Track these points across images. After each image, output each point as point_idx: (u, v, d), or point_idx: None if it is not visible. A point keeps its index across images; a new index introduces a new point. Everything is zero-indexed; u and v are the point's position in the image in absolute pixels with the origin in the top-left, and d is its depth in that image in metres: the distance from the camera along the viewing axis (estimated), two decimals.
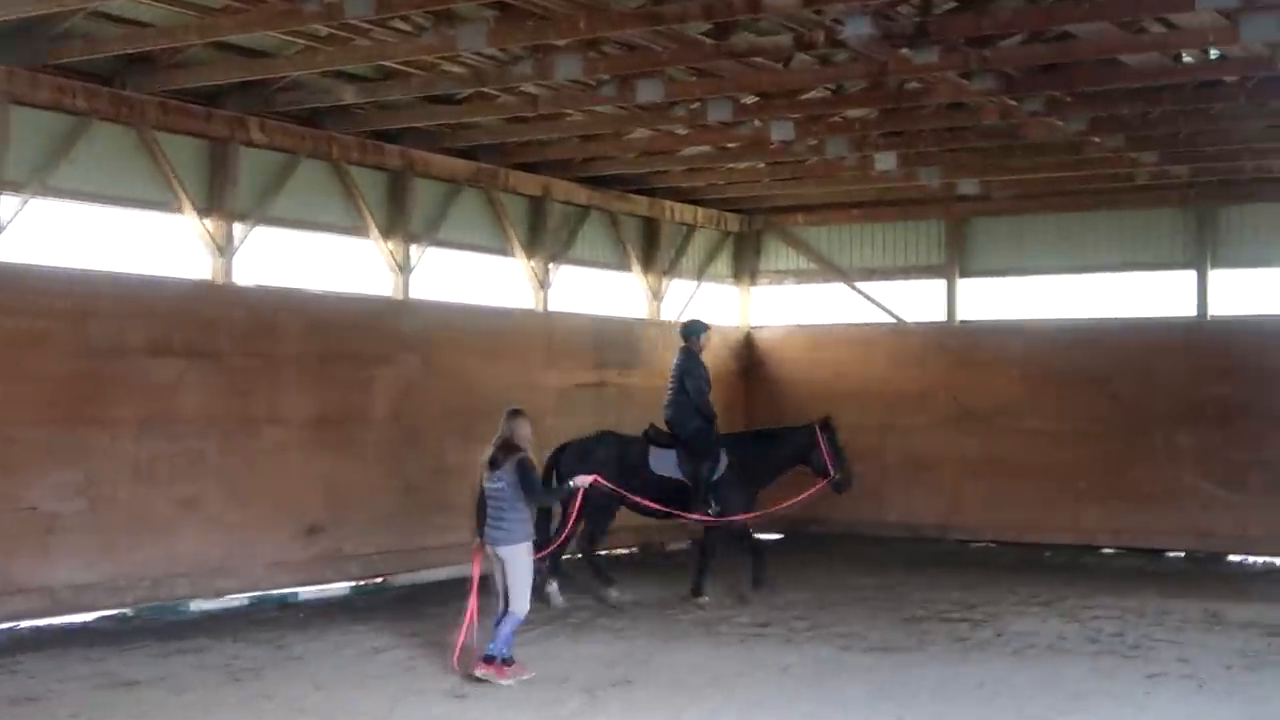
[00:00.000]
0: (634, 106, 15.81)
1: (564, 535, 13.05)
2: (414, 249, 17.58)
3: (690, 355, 15.84)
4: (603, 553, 16.52)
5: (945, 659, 12.35)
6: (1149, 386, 20.30)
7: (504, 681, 11.14)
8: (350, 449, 16.48)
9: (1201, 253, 20.38)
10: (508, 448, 11.57)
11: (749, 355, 23.27)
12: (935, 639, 13.30)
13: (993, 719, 10.21)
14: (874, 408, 21.98)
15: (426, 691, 11.01)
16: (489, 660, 11.25)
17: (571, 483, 11.82)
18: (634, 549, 20.26)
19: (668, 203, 21.49)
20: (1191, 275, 20.48)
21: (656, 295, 21.60)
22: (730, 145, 18.22)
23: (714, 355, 22.29)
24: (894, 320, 22.51)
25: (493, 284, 19.14)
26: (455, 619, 14.08)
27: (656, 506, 15.22)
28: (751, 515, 15.71)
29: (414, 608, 15.01)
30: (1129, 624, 14.07)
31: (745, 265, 23.59)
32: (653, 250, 21.62)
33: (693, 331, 16.04)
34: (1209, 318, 20.32)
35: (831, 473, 15.71)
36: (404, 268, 17.39)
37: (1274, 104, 15.65)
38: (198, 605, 14.77)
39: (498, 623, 11.34)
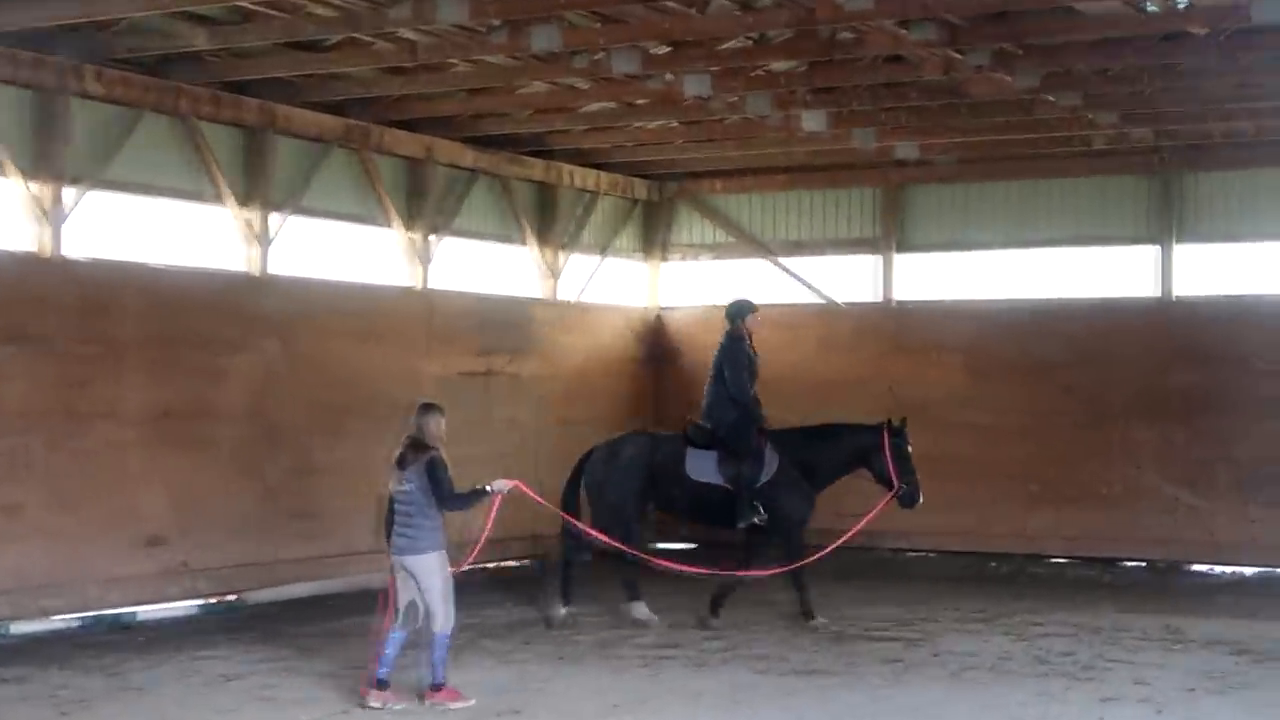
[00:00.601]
0: (528, 56, 15.79)
1: (477, 546, 12.78)
2: (274, 218, 17.43)
3: (733, 340, 15.77)
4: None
5: (875, 682, 12.46)
6: (1107, 376, 20.59)
7: (456, 705, 11.28)
8: (199, 448, 16.33)
9: (1166, 226, 20.69)
10: (417, 446, 11.58)
11: (658, 340, 23.33)
12: (864, 660, 13.42)
13: None
14: (800, 399, 21.96)
15: None
16: (436, 689, 11.40)
17: (489, 486, 11.74)
18: (527, 560, 20.24)
19: (566, 167, 21.48)
20: (1154, 251, 20.81)
21: (553, 272, 21.59)
22: (637, 102, 18.25)
23: (618, 339, 22.50)
24: (823, 300, 22.67)
25: (365, 258, 19.05)
26: (320, 642, 14.08)
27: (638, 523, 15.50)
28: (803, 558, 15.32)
29: (272, 629, 14.91)
30: (1081, 642, 14.27)
31: (655, 238, 23.64)
32: (549, 221, 21.61)
33: (736, 313, 15.95)
34: (1174, 299, 20.64)
35: (896, 483, 15.43)
36: (262, 239, 17.25)
37: (1247, 59, 15.91)
38: (19, 628, 14.55)
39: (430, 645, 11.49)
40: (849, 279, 22.67)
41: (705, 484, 15.37)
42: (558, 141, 20.46)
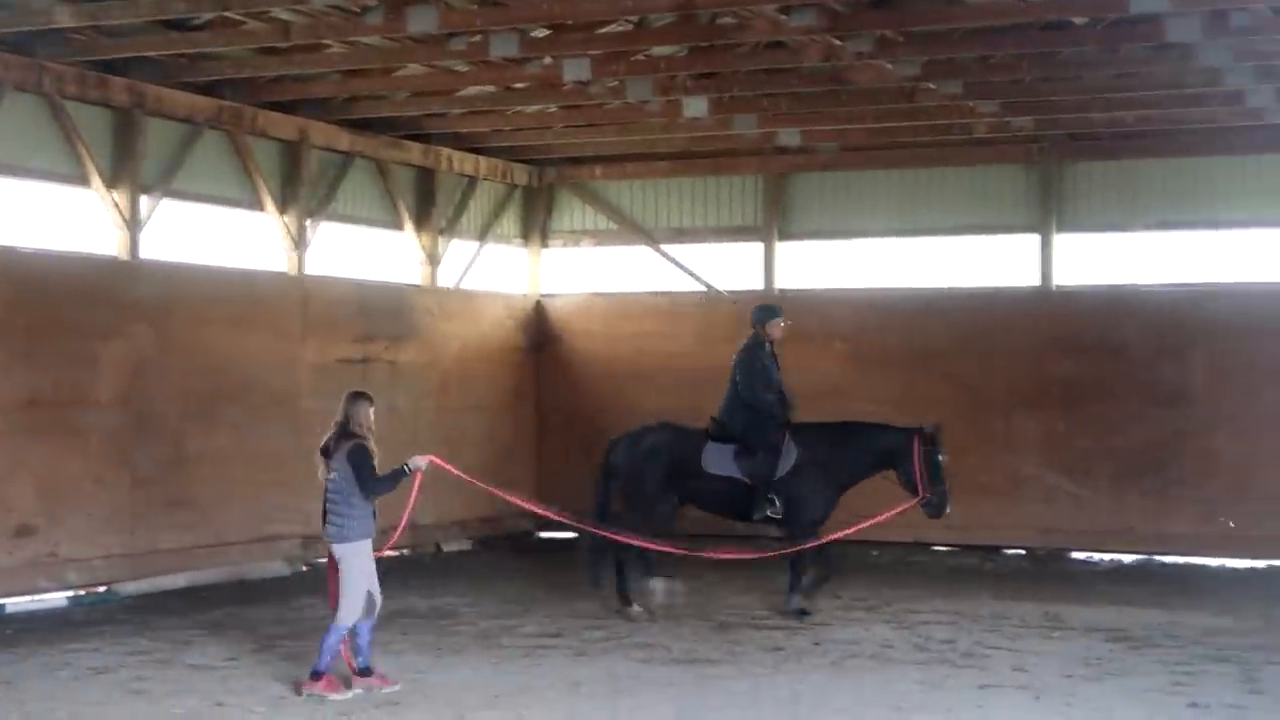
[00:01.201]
0: (405, 38, 15.73)
1: (400, 527, 12.56)
2: (145, 201, 17.21)
3: (750, 346, 15.73)
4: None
5: (756, 671, 12.56)
6: (988, 364, 20.87)
7: (335, 695, 11.29)
8: (69, 437, 16.11)
9: (1046, 215, 21.00)
10: (342, 434, 11.65)
11: (539, 327, 23.33)
12: (747, 649, 13.52)
13: None
14: (681, 388, 22.14)
15: (159, 719, 10.84)
16: (315, 676, 11.41)
17: (407, 465, 11.77)
18: (405, 550, 20.18)
19: (445, 151, 21.41)
20: (1035, 240, 21.09)
21: (432, 258, 21.51)
22: (517, 86, 18.23)
23: (498, 327, 22.47)
24: (705, 288, 22.77)
25: (240, 243, 18.86)
26: (193, 634, 13.95)
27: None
28: (817, 541, 15.31)
29: (144, 620, 14.75)
30: (962, 629, 14.48)
31: (535, 224, 23.63)
32: (428, 206, 21.51)
33: (758, 319, 15.90)
34: (1054, 288, 20.95)
35: (921, 491, 15.20)
36: (133, 223, 17.03)
37: (1127, 49, 16.18)
38: None
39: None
40: (731, 267, 22.78)
41: (722, 476, 15.38)
42: (436, 125, 20.38)
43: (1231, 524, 17.02)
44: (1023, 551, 20.62)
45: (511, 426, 22.50)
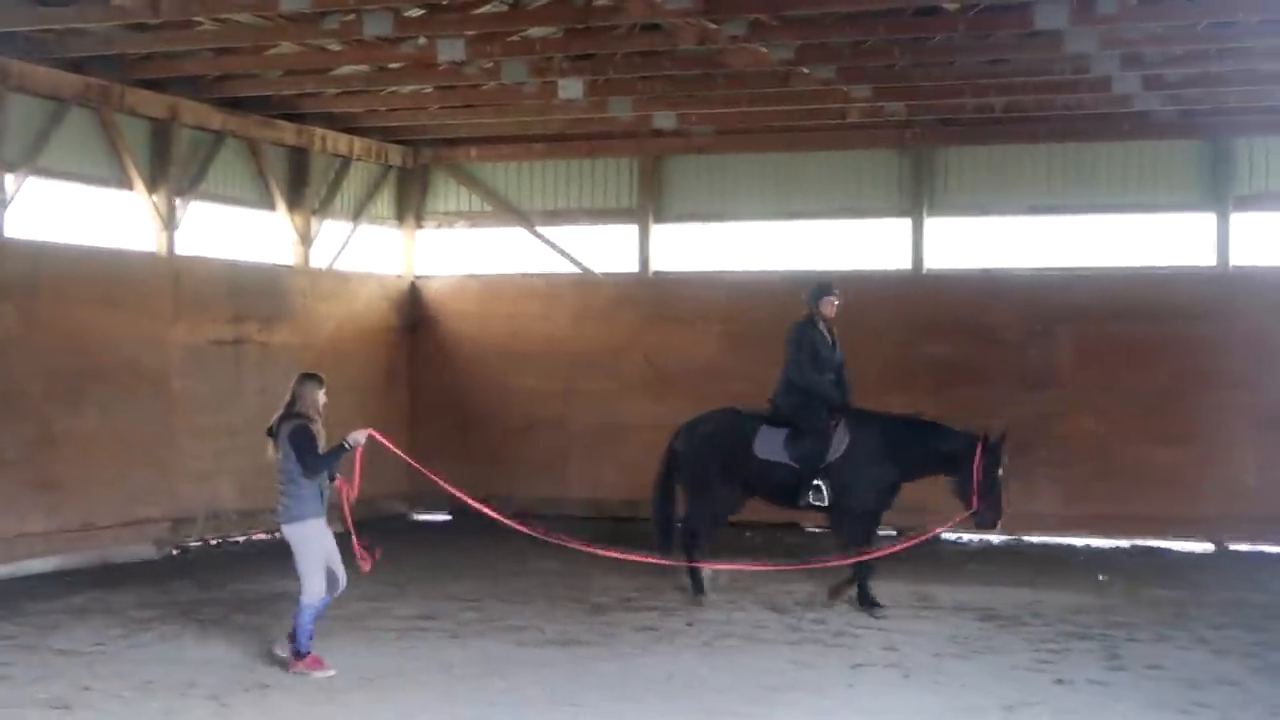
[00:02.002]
0: (277, 16, 15.53)
1: (349, 501, 12.29)
2: (9, 179, 16.88)
3: (801, 325, 15.33)
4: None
5: (629, 652, 12.61)
6: (860, 346, 20.79)
7: (320, 674, 11.45)
8: None
9: (918, 199, 21.21)
10: (287, 415, 11.69)
11: (414, 309, 23.20)
12: (620, 630, 13.57)
13: (678, 716, 10.46)
14: (556, 369, 22.25)
15: (23, 704, 10.66)
16: (298, 656, 11.53)
17: (346, 442, 11.68)
18: (277, 533, 20.02)
19: (319, 131, 21.20)
20: (907, 224, 21.30)
21: (305, 238, 21.30)
22: (391, 66, 18.09)
23: (372, 308, 22.32)
24: (580, 270, 22.76)
25: (108, 222, 18.58)
26: (60, 618, 13.74)
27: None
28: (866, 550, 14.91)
29: (10, 605, 14.50)
30: (833, 610, 14.59)
31: (410, 205, 23.48)
32: (301, 186, 21.30)
33: (810, 297, 15.44)
34: (925, 271, 21.17)
35: (975, 503, 14.49)
36: None
37: (996, 36, 16.37)
38: None
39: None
40: (607, 249, 22.79)
41: (772, 462, 15.04)
42: (309, 105, 20.17)
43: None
44: (894, 533, 20.78)
45: (385, 407, 22.33)
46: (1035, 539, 20.20)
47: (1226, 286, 19.99)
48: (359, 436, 11.75)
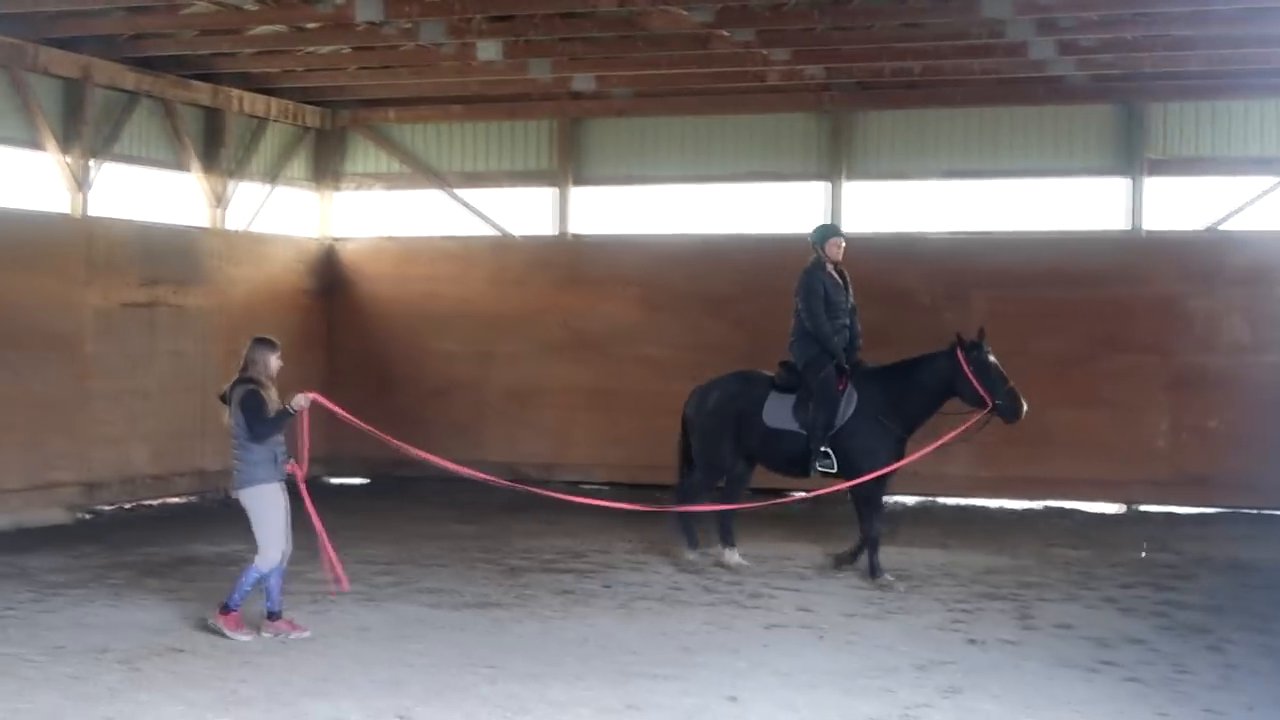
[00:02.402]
0: None
1: (302, 467, 12.06)
2: None
3: (809, 270, 14.84)
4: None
5: (546, 614, 12.61)
6: (777, 310, 20.90)
7: (236, 635, 11.39)
8: None
9: (836, 163, 21.26)
10: (240, 380, 11.62)
11: (330, 271, 23.05)
12: (537, 592, 13.57)
13: (595, 677, 10.48)
14: (473, 332, 22.19)
15: None
16: (223, 610, 11.52)
17: (289, 405, 11.59)
18: (193, 497, 19.93)
19: (234, 91, 20.99)
20: (825, 187, 21.35)
21: (220, 200, 21.10)
22: (308, 25, 17.92)
23: (288, 271, 22.15)
24: (498, 233, 22.68)
25: (19, 183, 18.34)
26: None
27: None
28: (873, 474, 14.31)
29: None
30: (749, 572, 14.66)
31: (327, 167, 23.31)
32: (216, 147, 21.08)
33: (815, 239, 15.09)
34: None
35: (988, 400, 14.17)
36: None
37: (916, 0, 16.41)
38: None
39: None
40: (525, 211, 22.72)
41: (780, 430, 14.66)
42: (225, 65, 19.96)
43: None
44: (807, 494, 20.88)
45: (302, 370, 21.96)
46: (948, 501, 20.36)
47: (1138, 250, 20.18)
48: (302, 400, 11.64)
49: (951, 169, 21.07)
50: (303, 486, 11.91)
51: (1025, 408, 14.21)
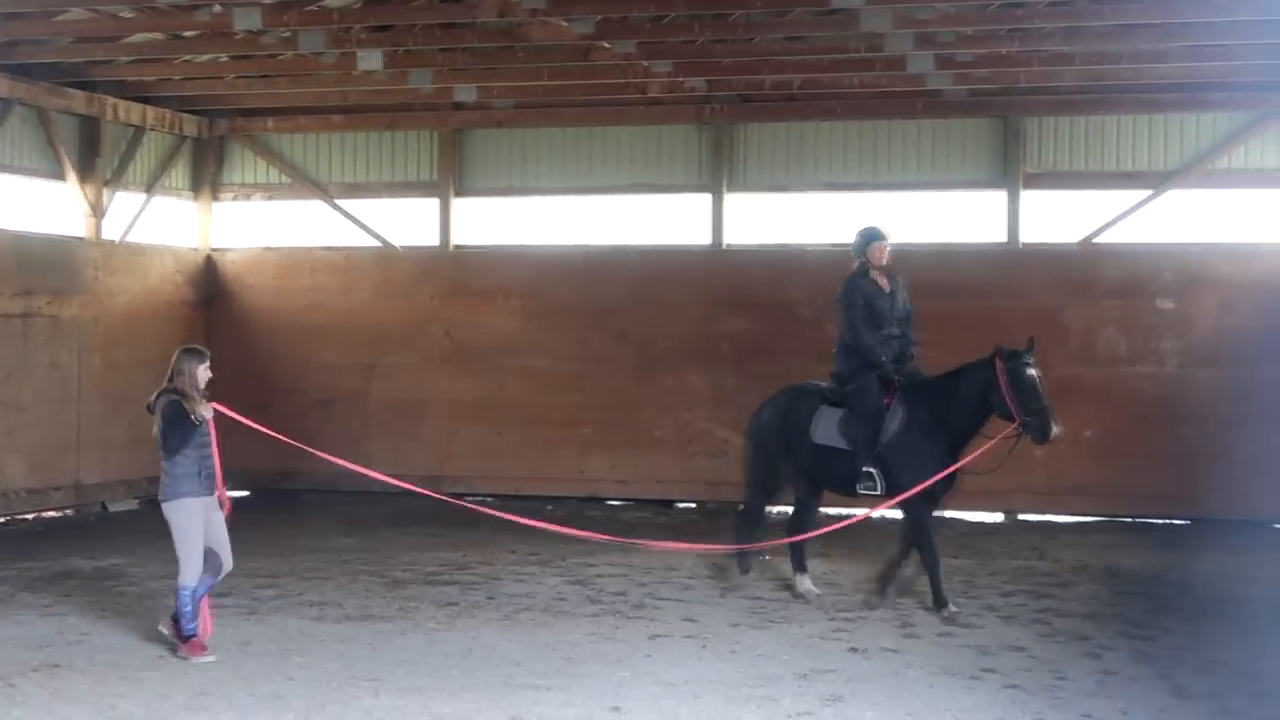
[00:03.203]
0: None
1: (218, 480, 11.44)
2: None
3: (849, 280, 13.95)
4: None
5: (430, 626, 12.56)
6: (661, 321, 21.15)
7: (196, 658, 11.15)
8: None
9: (717, 175, 21.35)
10: (164, 390, 11.39)
11: (210, 282, 22.77)
12: (420, 605, 13.50)
13: (478, 689, 10.45)
14: (355, 344, 22.05)
15: None
16: (182, 639, 11.30)
17: (194, 416, 11.28)
18: (68, 510, 19.65)
19: (111, 100, 20.69)
20: (707, 199, 21.43)
21: (97, 210, 20.79)
22: (186, 34, 17.75)
23: (167, 282, 21.89)
24: (380, 244, 22.55)
25: None
26: None
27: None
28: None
29: None
30: (633, 582, 14.68)
31: (206, 177, 23.05)
32: (92, 156, 20.75)
33: (856, 247, 14.12)
34: (725, 246, 21.32)
35: (1015, 414, 13.14)
36: None
37: (795, 13, 16.54)
38: None
39: None
40: (408, 222, 22.61)
41: (828, 447, 13.78)
42: (101, 73, 19.70)
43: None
44: (694, 505, 21.00)
45: None
46: (831, 510, 20.45)
47: (1016, 263, 20.45)
48: (205, 412, 11.36)
49: (832, 181, 21.23)
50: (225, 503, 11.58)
51: (1056, 430, 13.20)
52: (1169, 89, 19.60)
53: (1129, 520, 19.74)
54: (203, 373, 11.51)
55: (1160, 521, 19.26)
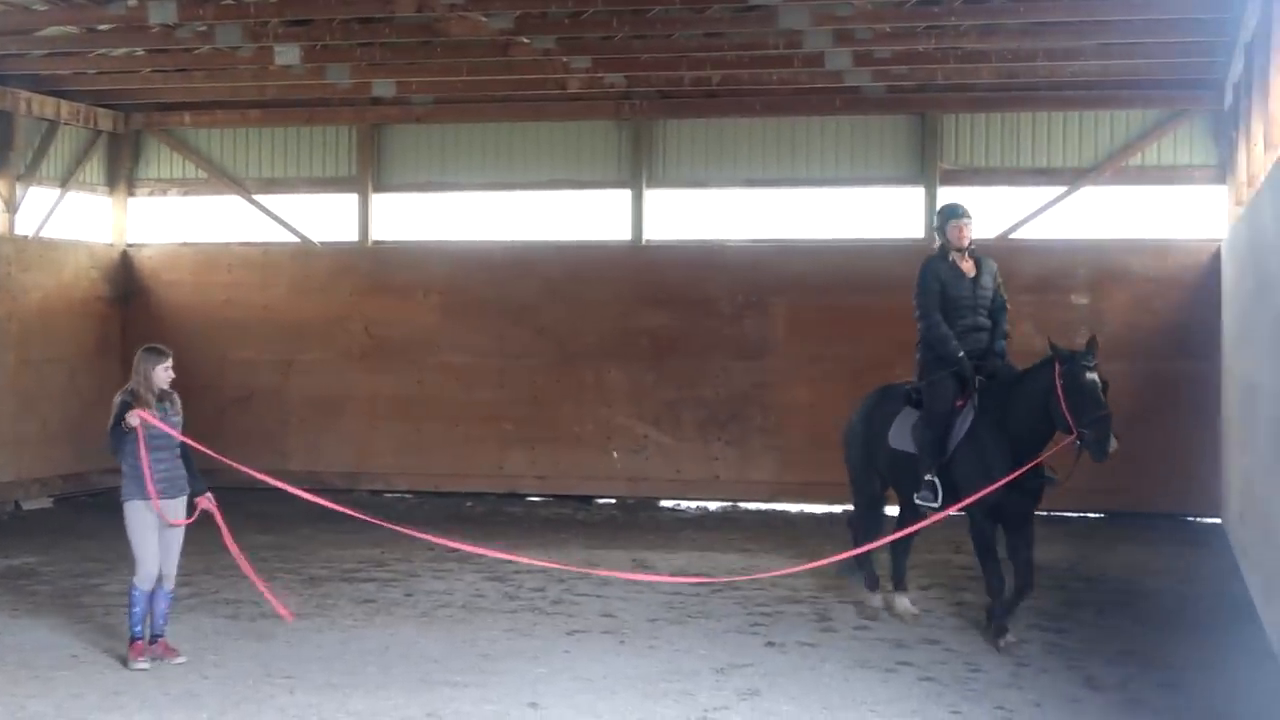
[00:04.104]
0: None
1: (150, 487, 10.95)
2: None
3: (930, 259, 12.64)
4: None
5: (347, 624, 12.54)
6: (580, 317, 21.16)
7: (134, 663, 10.92)
8: None
9: (637, 171, 21.37)
10: (122, 389, 11.17)
11: (126, 278, 22.57)
12: (338, 602, 13.47)
13: (395, 686, 10.43)
14: (274, 340, 21.92)
15: None
16: (129, 641, 11.04)
17: (125, 421, 11.00)
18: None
19: (24, 94, 20.44)
20: (627, 195, 21.44)
21: (10, 205, 20.56)
22: (101, 27, 17.55)
23: (82, 278, 21.67)
24: (299, 239, 22.42)
25: None
26: None
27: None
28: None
29: None
30: (552, 578, 14.65)
31: (121, 172, 22.84)
32: (5, 151, 20.53)
33: (938, 222, 12.73)
34: (645, 242, 21.34)
35: (1073, 428, 11.52)
36: None
37: (713, 9, 16.56)
38: None
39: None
40: (327, 218, 22.49)
41: (902, 451, 12.61)
42: (13, 67, 19.44)
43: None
44: (613, 500, 21.01)
45: (96, 379, 21.67)
46: (750, 506, 20.57)
47: None
48: (132, 419, 10.98)
49: (751, 177, 21.29)
50: (229, 541, 11.37)
51: (1114, 445, 11.50)
52: (1083, 87, 19.79)
53: (1042, 514, 19.80)
54: (161, 373, 11.20)
55: (1073, 515, 19.44)
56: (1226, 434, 17.07)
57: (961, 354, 12.23)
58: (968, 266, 12.51)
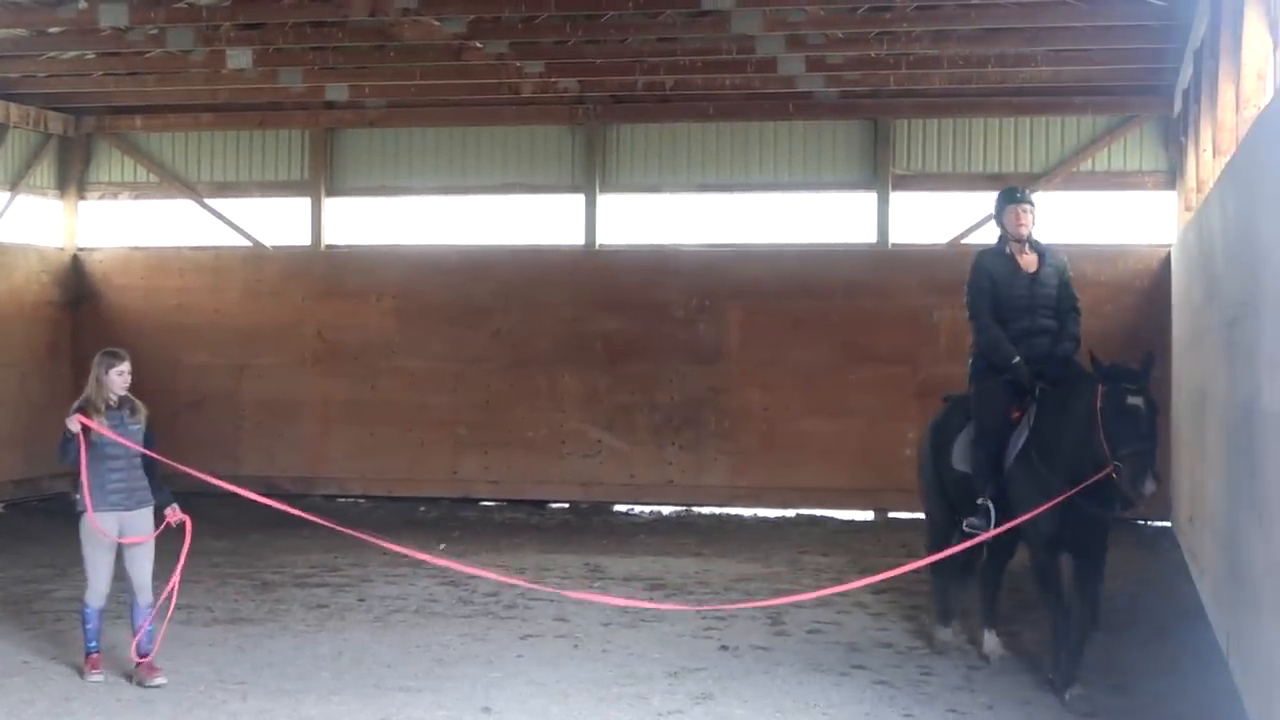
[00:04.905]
0: None
1: (86, 495, 10.63)
2: None
3: (983, 252, 11.40)
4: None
5: (300, 629, 12.48)
6: (534, 321, 21.14)
7: (87, 675, 10.72)
8: None
9: (590, 176, 21.37)
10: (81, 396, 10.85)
11: (77, 282, 22.43)
12: (291, 607, 13.42)
13: (348, 691, 10.39)
14: (226, 345, 21.82)
15: None
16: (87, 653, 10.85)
17: (67, 429, 10.74)
18: None
19: None
20: (580, 200, 21.44)
21: None
22: (51, 30, 17.44)
23: (32, 282, 21.53)
24: (251, 244, 22.34)
25: None
26: None
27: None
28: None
29: None
30: (506, 583, 14.64)
31: (72, 175, 22.71)
32: None
33: (996, 209, 11.41)
34: (598, 247, 21.35)
35: (1109, 457, 9.93)
36: None
37: (667, 14, 16.59)
38: None
39: None
40: (279, 222, 22.41)
41: (964, 474, 11.24)
42: None
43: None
44: (567, 505, 21.01)
45: (46, 384, 21.56)
46: (704, 510, 20.59)
47: (886, 263, 20.64)
48: (72, 425, 10.70)
49: (705, 182, 21.33)
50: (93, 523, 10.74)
51: (1151, 486, 9.81)
52: (1034, 93, 19.89)
53: None
54: (114, 377, 10.88)
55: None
56: (1176, 438, 17.15)
57: (1016, 359, 10.81)
58: (1028, 260, 11.11)
